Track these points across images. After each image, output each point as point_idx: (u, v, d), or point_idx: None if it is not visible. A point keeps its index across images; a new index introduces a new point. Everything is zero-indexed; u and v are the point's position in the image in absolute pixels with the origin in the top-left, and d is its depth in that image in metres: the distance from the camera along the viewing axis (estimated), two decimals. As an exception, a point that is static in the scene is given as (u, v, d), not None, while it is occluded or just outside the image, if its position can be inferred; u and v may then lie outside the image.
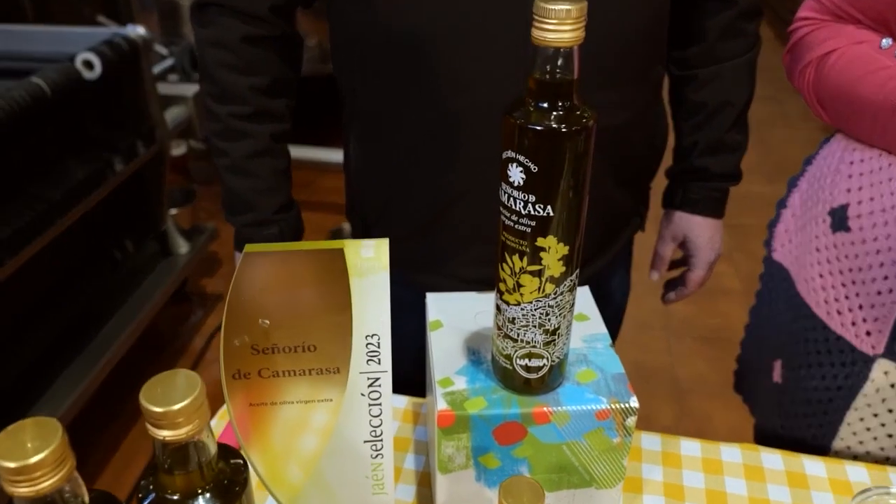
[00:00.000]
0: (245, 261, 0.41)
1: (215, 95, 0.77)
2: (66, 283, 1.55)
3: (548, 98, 0.43)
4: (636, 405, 0.54)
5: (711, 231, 0.91)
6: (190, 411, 0.35)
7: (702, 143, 0.87)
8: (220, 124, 0.78)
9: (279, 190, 0.81)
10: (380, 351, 0.45)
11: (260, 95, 0.77)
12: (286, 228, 0.83)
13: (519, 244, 0.47)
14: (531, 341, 0.51)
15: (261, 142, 0.78)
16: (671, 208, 0.92)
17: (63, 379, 1.43)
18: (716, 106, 0.85)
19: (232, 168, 0.79)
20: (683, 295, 0.96)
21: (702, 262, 0.92)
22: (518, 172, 0.45)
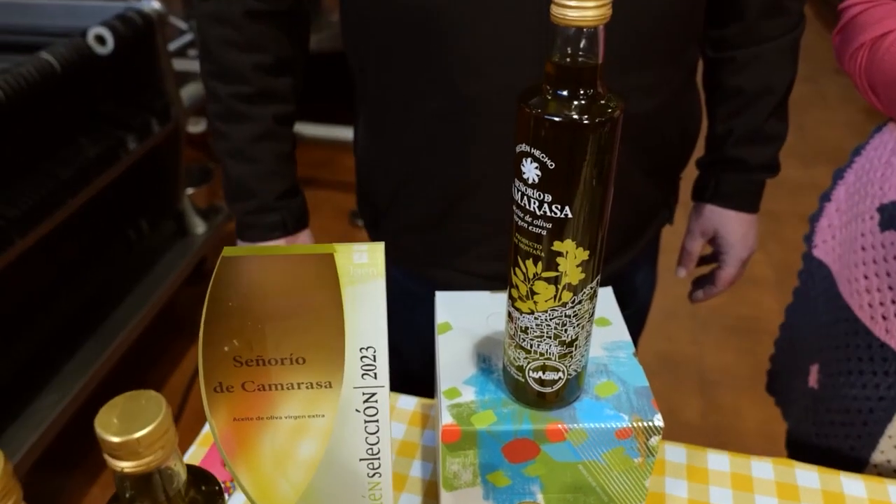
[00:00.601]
0: (223, 265, 0.37)
1: (215, 74, 0.73)
2: (80, 263, 1.54)
3: (568, 85, 0.38)
4: (661, 424, 0.49)
5: (745, 227, 0.84)
6: (153, 439, 0.31)
7: (738, 131, 0.80)
8: (220, 105, 0.74)
9: (282, 175, 0.77)
10: (375, 365, 0.41)
11: (263, 75, 0.72)
12: (289, 216, 0.79)
13: (533, 248, 0.42)
14: (545, 353, 0.46)
15: (263, 125, 0.74)
16: (702, 201, 0.85)
17: (76, 360, 1.42)
18: (755, 91, 0.78)
19: (232, 152, 0.75)
20: (712, 294, 0.90)
21: (733, 260, 0.85)
22: (533, 168, 0.39)
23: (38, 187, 1.25)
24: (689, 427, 1.73)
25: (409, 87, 0.68)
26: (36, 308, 1.44)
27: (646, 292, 0.92)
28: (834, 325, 0.76)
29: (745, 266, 0.87)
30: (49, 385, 1.39)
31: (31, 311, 1.43)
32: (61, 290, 1.49)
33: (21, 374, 1.38)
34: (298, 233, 0.81)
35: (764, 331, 2.02)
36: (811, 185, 2.57)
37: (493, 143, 0.66)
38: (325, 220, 2.48)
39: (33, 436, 1.31)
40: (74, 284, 1.52)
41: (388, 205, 0.77)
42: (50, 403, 1.36)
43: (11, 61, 1.22)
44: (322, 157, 2.68)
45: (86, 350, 1.46)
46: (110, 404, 0.32)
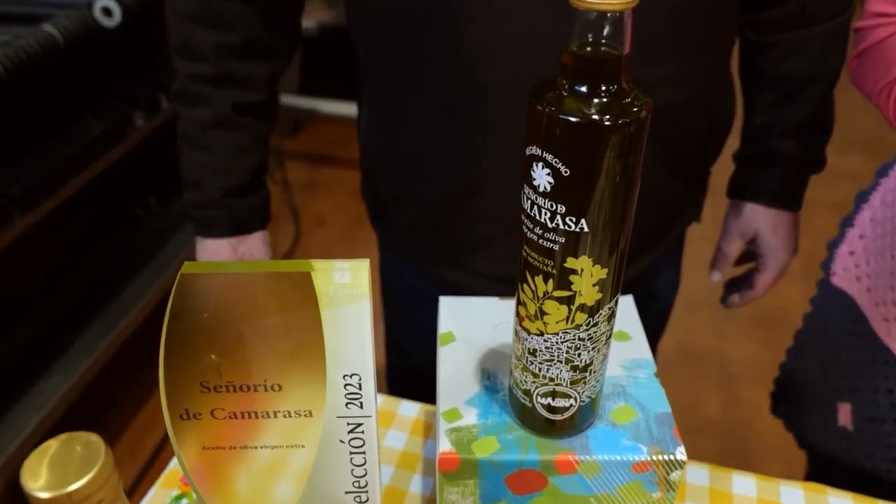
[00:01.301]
0: (182, 283, 0.32)
1: (179, 50, 0.67)
2: (87, 242, 1.51)
3: (588, 79, 0.32)
4: (683, 457, 0.44)
5: (788, 227, 0.77)
6: (89, 492, 0.27)
7: (782, 123, 0.72)
8: (179, 84, 0.68)
9: (233, 171, 0.70)
10: (361, 393, 0.36)
11: (225, 57, 0.66)
12: (232, 216, 0.72)
13: (544, 264, 0.37)
14: (556, 378, 0.41)
15: (218, 111, 0.67)
16: (741, 199, 0.78)
17: (82, 341, 1.40)
18: (802, 79, 0.70)
19: (185, 137, 0.69)
20: (749, 300, 0.83)
21: (775, 263, 0.78)
22: (545, 175, 0.34)
23: (40, 165, 1.21)
24: (708, 422, 1.67)
25: (415, 73, 0.62)
26: (41, 288, 1.42)
27: (668, 294, 0.86)
28: (869, 365, 0.70)
29: (786, 270, 0.80)
30: (53, 366, 1.37)
31: (37, 291, 1.41)
32: (67, 270, 1.46)
33: (25, 355, 1.36)
34: (245, 235, 0.74)
35: (789, 324, 1.94)
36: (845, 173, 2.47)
37: (505, 135, 0.60)
38: (340, 198, 2.43)
39: (37, 417, 1.29)
40: (81, 264, 1.49)
41: (392, 197, 0.71)
42: (54, 385, 1.34)
43: (12, 33, 1.17)
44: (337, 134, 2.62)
45: (92, 331, 1.43)
46: (40, 450, 0.27)
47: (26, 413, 1.30)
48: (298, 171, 2.51)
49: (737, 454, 1.59)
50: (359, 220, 2.16)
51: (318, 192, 2.46)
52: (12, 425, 1.28)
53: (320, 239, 2.25)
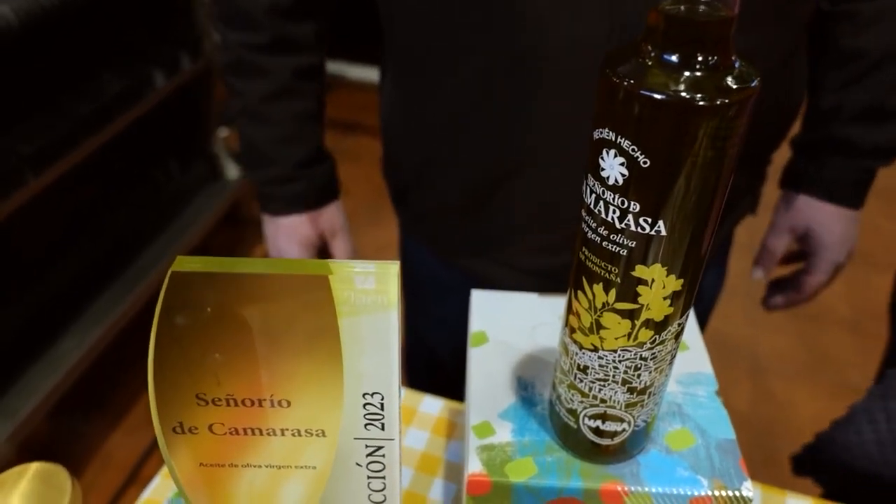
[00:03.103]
0: (174, 283, 0.26)
1: (226, 19, 0.61)
2: (105, 205, 1.47)
3: (681, 46, 0.25)
4: (750, 494, 0.38)
5: (846, 226, 0.69)
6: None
7: (850, 105, 0.64)
8: (231, 56, 0.63)
9: (303, 139, 0.66)
10: (383, 414, 0.31)
11: (279, 19, 0.60)
12: (312, 187, 0.68)
13: (606, 270, 0.31)
14: (608, 400, 0.35)
15: (280, 80, 0.62)
16: (795, 190, 0.70)
17: (98, 305, 1.37)
18: (879, 56, 0.62)
19: (246, 112, 0.64)
20: (795, 302, 0.75)
21: (826, 265, 0.70)
22: (617, 165, 0.28)
23: (54, 124, 1.17)
24: (737, 415, 1.60)
25: (446, 40, 0.55)
26: (56, 251, 1.38)
27: (712, 294, 0.79)
28: None
29: (839, 273, 0.73)
30: (70, 329, 1.35)
31: (51, 255, 1.38)
32: (83, 234, 1.43)
33: (41, 318, 1.33)
34: (324, 206, 0.70)
35: (826, 318, 1.87)
36: (892, 159, 2.36)
37: (547, 112, 0.53)
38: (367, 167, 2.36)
39: (53, 380, 1.27)
40: (98, 227, 1.46)
41: (416, 179, 0.65)
42: (70, 348, 1.32)
43: (30, -16, 1.12)
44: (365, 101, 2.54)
45: (109, 295, 1.40)
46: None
47: (42, 375, 1.28)
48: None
49: (764, 448, 1.53)
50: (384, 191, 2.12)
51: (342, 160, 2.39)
52: (27, 386, 1.26)
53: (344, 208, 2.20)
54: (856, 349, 1.78)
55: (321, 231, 0.72)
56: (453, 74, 0.56)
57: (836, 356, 1.76)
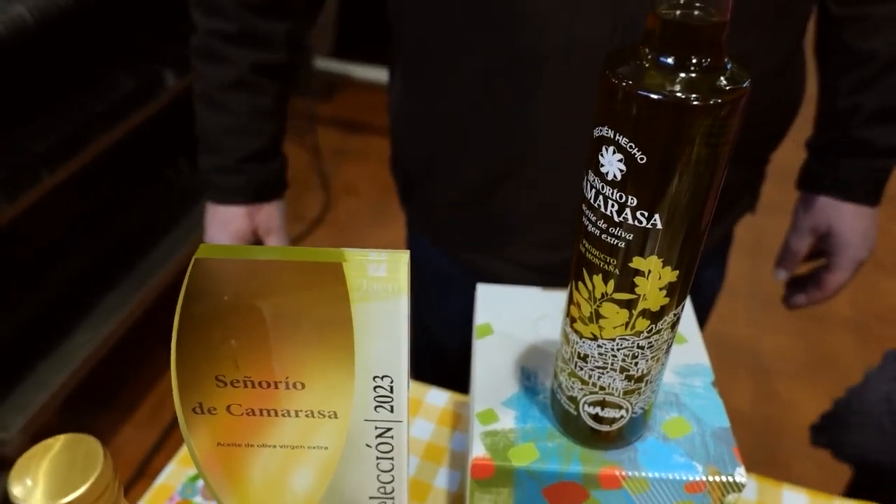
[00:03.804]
0: (198, 268, 0.28)
1: (200, 5, 0.63)
2: (116, 202, 1.49)
3: (677, 49, 0.27)
4: (743, 479, 0.39)
5: (866, 223, 0.70)
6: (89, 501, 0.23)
7: (867, 107, 0.65)
8: (199, 41, 0.64)
9: (253, 133, 0.67)
10: (392, 397, 0.32)
11: (249, 13, 0.62)
12: (252, 180, 0.68)
13: (605, 262, 0.32)
14: (607, 387, 0.37)
15: (239, 70, 0.64)
16: (816, 192, 0.71)
17: (109, 300, 1.39)
18: (890, 58, 0.63)
19: (204, 96, 0.65)
20: (816, 301, 0.76)
21: (847, 263, 0.72)
22: (615, 161, 0.29)
23: (68, 121, 1.19)
24: (737, 415, 1.62)
25: (453, 39, 0.56)
26: (69, 246, 1.40)
27: (712, 289, 0.80)
28: None
29: (859, 270, 0.74)
30: (82, 324, 1.37)
31: (65, 251, 1.40)
32: (96, 229, 1.45)
33: (54, 313, 1.35)
34: (263, 203, 0.71)
35: (830, 318, 1.88)
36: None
37: (549, 110, 0.55)
38: (373, 166, 2.39)
39: (65, 373, 1.29)
40: (110, 223, 1.48)
41: (423, 174, 0.67)
42: (82, 342, 1.34)
43: (45, -16, 1.14)
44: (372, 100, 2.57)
45: (120, 290, 1.42)
46: (30, 455, 0.24)
47: (54, 369, 1.30)
48: (330, 137, 2.47)
49: (766, 449, 1.54)
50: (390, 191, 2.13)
51: (349, 159, 2.42)
52: (39, 380, 1.28)
53: (350, 208, 2.22)
54: (858, 350, 1.79)
55: (255, 227, 0.72)
56: (456, 73, 0.58)
57: (839, 357, 1.77)
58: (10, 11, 1.03)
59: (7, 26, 1.02)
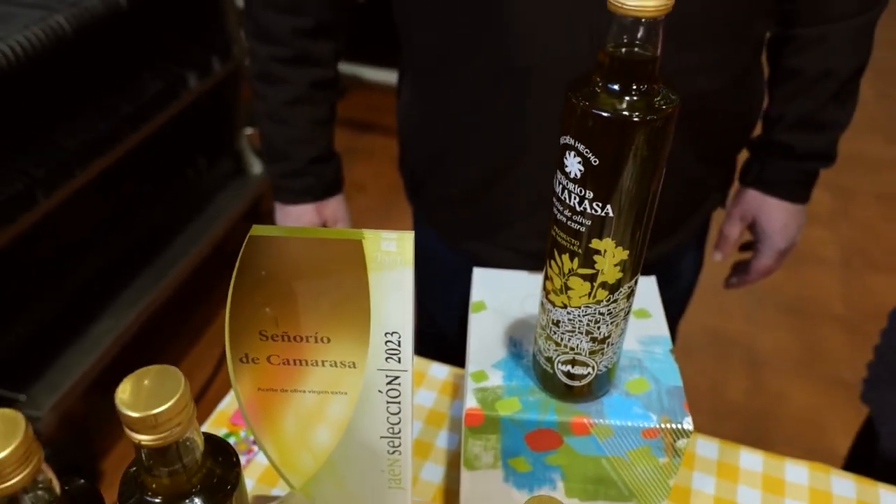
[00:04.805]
0: (250, 244, 0.36)
1: (255, 34, 0.72)
2: (139, 198, 1.58)
3: (620, 78, 0.35)
4: (690, 427, 0.47)
5: (786, 217, 0.79)
6: (171, 415, 0.32)
7: (790, 116, 0.74)
8: (259, 66, 0.73)
9: (314, 140, 0.77)
10: (400, 350, 0.41)
11: (302, 38, 0.71)
12: (319, 182, 0.78)
13: (570, 243, 0.40)
14: (576, 348, 0.45)
15: (299, 89, 0.73)
16: (745, 184, 0.81)
17: (132, 290, 1.48)
18: (814, 74, 0.71)
19: (268, 114, 0.75)
20: (745, 282, 0.86)
21: (769, 251, 0.81)
22: (576, 163, 0.37)
23: (99, 121, 1.28)
24: (731, 406, 1.70)
25: (457, 57, 0.65)
26: (96, 241, 1.49)
27: (691, 275, 0.89)
28: None
29: (784, 258, 0.83)
30: (105, 312, 1.45)
31: (91, 244, 1.49)
32: (120, 225, 1.54)
33: (79, 301, 1.44)
34: (328, 198, 0.81)
35: (821, 314, 1.95)
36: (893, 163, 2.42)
37: (540, 115, 0.63)
38: (380, 165, 2.47)
39: (89, 359, 1.37)
40: (133, 219, 1.57)
41: (429, 173, 0.75)
42: (106, 330, 1.42)
43: (80, -6, 1.23)
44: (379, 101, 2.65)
45: (142, 280, 1.51)
46: (130, 378, 0.32)
47: (79, 355, 1.39)
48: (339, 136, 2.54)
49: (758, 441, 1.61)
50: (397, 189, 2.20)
51: (358, 158, 2.50)
52: (66, 365, 1.37)
53: (359, 205, 2.30)
54: (849, 346, 1.85)
55: (324, 220, 0.82)
56: (458, 79, 0.67)
57: (830, 352, 1.84)
58: (50, 20, 1.12)
59: (47, 34, 1.11)
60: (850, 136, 0.81)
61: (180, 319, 1.77)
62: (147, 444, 0.32)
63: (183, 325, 1.78)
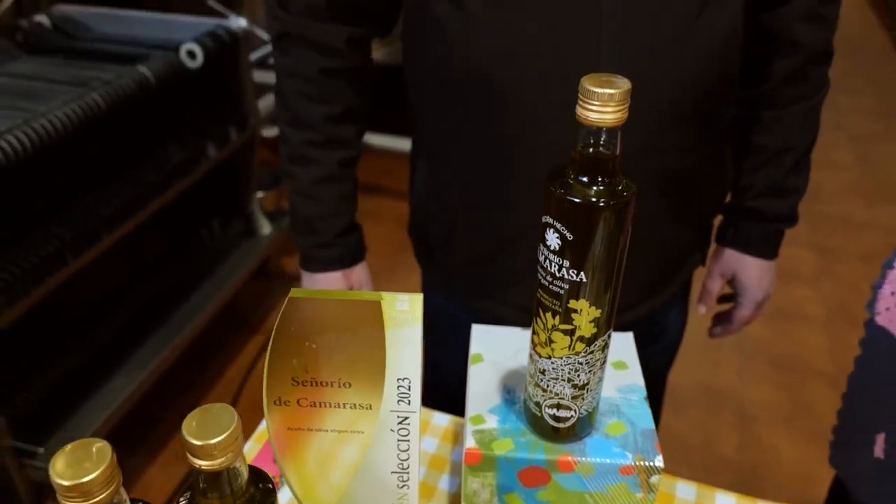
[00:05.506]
0: (290, 304, 0.45)
1: (289, 122, 0.81)
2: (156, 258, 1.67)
3: (588, 172, 0.44)
4: (661, 465, 0.54)
5: (761, 272, 0.89)
6: (226, 445, 0.39)
7: (758, 185, 0.85)
8: (291, 149, 0.81)
9: (342, 215, 0.85)
10: (409, 393, 0.48)
11: (331, 124, 0.80)
12: (346, 252, 0.86)
13: (552, 303, 0.49)
14: (560, 393, 0.52)
15: (328, 168, 0.81)
16: (722, 245, 0.91)
17: (146, 348, 1.55)
18: (775, 150, 0.83)
19: (299, 192, 0.83)
20: (728, 332, 0.96)
21: (749, 302, 0.91)
22: (555, 238, 0.46)
23: (127, 188, 1.38)
24: (723, 460, 1.74)
25: (469, 140, 0.74)
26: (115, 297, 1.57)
27: (676, 329, 0.97)
28: None
29: (761, 308, 0.92)
30: (120, 369, 1.52)
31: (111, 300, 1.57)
32: (139, 282, 1.62)
33: (96, 358, 1.51)
34: (354, 266, 0.89)
35: (809, 370, 2.01)
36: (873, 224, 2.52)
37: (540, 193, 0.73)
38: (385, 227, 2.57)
39: (104, 414, 1.43)
40: (149, 278, 1.65)
41: (441, 242, 0.83)
42: (119, 386, 1.49)
43: (114, 72, 1.35)
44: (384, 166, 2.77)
45: (155, 339, 1.58)
46: (194, 413, 0.40)
47: (94, 410, 1.45)
48: (347, 199, 2.66)
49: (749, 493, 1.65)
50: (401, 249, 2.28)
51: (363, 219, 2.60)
52: (82, 420, 1.43)
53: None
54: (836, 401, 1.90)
55: (351, 285, 0.90)
56: (473, 162, 0.75)
57: (818, 407, 1.89)
58: (87, 97, 1.23)
59: (84, 110, 1.22)
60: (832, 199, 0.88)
61: (194, 371, 1.83)
62: (205, 468, 0.39)
63: (196, 376, 1.84)
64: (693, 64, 0.68)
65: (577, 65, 0.65)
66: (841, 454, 0.89)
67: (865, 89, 3.38)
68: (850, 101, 3.34)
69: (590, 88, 0.41)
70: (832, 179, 2.78)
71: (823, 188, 2.69)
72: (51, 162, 1.26)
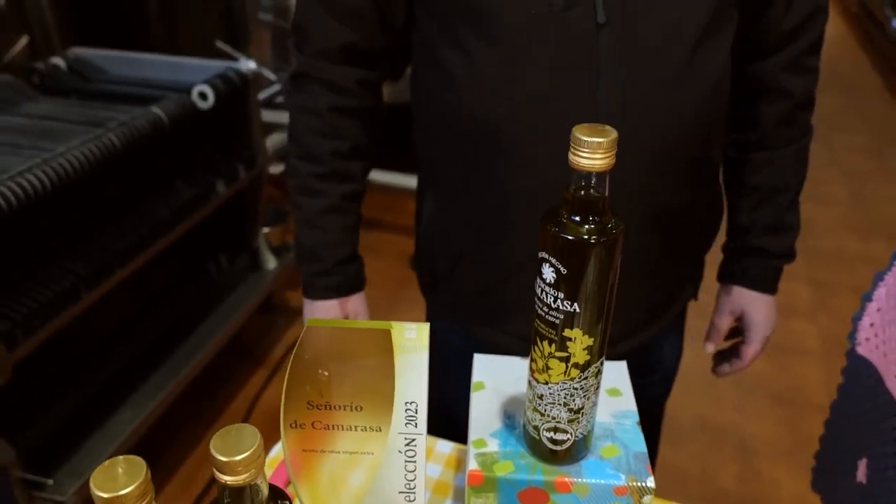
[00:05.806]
0: (307, 332, 0.48)
1: (299, 156, 0.85)
2: (166, 291, 1.71)
3: (580, 212, 0.48)
4: (652, 485, 0.58)
5: (768, 307, 0.93)
6: (249, 462, 0.43)
7: (760, 223, 0.89)
8: (299, 181, 0.86)
9: (343, 245, 0.88)
10: (417, 417, 0.52)
11: (339, 159, 0.84)
12: (344, 280, 0.90)
13: (548, 332, 0.52)
14: (556, 417, 0.56)
15: (334, 200, 0.85)
16: (729, 283, 0.94)
17: (153, 380, 1.57)
18: (771, 190, 0.88)
19: (304, 221, 0.87)
20: (737, 369, 0.97)
21: (758, 338, 0.94)
22: (550, 272, 0.50)
23: (140, 224, 1.42)
24: (723, 493, 1.75)
25: (475, 181, 0.78)
26: (124, 331, 1.61)
27: (672, 360, 1.00)
28: (882, 420, 0.80)
29: (767, 342, 0.95)
30: (128, 401, 1.54)
31: (120, 334, 1.60)
32: (148, 315, 1.66)
33: (105, 390, 1.53)
34: (351, 295, 0.92)
35: (807, 403, 2.03)
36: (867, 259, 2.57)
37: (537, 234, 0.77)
38: (386, 262, 2.61)
39: (112, 446, 1.45)
40: (158, 311, 1.69)
41: (447, 274, 0.87)
42: (128, 418, 1.51)
43: (128, 113, 1.41)
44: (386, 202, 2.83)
45: (163, 371, 1.61)
46: (221, 433, 0.44)
47: (102, 442, 1.47)
48: (349, 234, 2.71)
49: (752, 527, 1.66)
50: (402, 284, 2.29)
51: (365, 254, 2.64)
52: (90, 452, 1.45)
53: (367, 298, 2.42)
54: (835, 434, 1.92)
55: (346, 313, 0.93)
56: (479, 201, 0.80)
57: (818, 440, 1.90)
58: (104, 137, 1.29)
59: (100, 149, 1.27)
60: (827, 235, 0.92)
61: (201, 402, 1.86)
62: (231, 483, 0.43)
63: (203, 407, 1.86)
64: (685, 108, 0.73)
65: (575, 115, 0.70)
66: (823, 480, 0.91)
67: (859, 127, 3.46)
68: (844, 138, 3.42)
69: (581, 137, 0.46)
70: (826, 215, 2.84)
71: (818, 224, 2.74)
72: (67, 199, 1.31)
